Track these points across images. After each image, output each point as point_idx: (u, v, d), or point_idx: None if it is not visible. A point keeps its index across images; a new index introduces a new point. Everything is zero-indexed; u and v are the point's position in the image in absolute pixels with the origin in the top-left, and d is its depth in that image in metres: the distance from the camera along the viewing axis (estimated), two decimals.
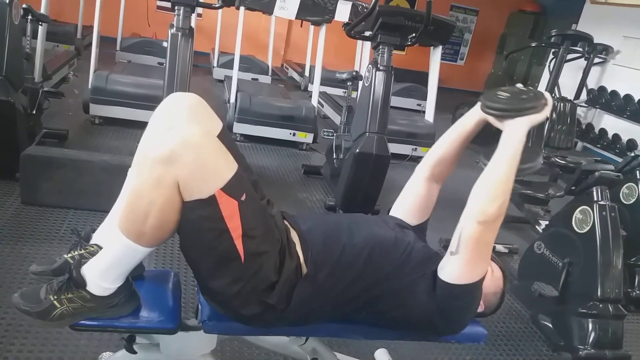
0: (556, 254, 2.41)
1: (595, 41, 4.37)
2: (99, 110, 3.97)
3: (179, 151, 1.03)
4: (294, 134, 4.41)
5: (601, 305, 2.17)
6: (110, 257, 1.13)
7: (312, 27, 6.37)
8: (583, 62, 5.31)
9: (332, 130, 3.63)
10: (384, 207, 1.51)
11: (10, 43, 2.70)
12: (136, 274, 1.26)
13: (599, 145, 6.21)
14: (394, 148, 3.10)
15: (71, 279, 1.12)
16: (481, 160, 1.28)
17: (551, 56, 5.39)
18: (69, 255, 1.25)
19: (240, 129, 4.31)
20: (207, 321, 1.23)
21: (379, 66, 2.87)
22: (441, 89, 4.61)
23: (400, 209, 1.49)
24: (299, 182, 3.75)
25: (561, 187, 2.97)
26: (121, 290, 1.15)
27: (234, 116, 4.27)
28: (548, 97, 1.24)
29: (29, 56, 3.38)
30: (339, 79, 4.00)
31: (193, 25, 3.04)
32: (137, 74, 4.46)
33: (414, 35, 2.83)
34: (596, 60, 5.86)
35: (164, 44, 2.96)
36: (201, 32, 6.35)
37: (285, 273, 1.17)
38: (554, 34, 3.82)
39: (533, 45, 6.48)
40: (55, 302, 1.10)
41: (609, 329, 2.16)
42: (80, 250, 1.25)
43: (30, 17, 3.34)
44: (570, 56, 4.21)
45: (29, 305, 1.11)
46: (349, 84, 3.89)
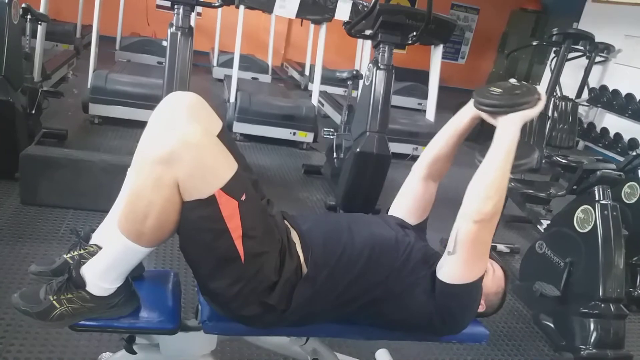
0: (558, 254, 2.41)
1: (597, 40, 4.36)
2: (98, 109, 3.97)
3: (178, 151, 1.02)
4: (294, 134, 4.40)
5: (603, 305, 2.16)
6: (110, 257, 1.12)
7: (313, 26, 6.37)
8: (584, 61, 5.29)
9: (332, 130, 3.62)
10: (384, 206, 1.50)
11: (9, 42, 2.70)
12: (136, 274, 1.25)
13: (600, 145, 6.20)
14: (394, 147, 3.09)
15: (71, 280, 1.11)
16: (476, 157, 1.26)
17: (552, 55, 5.39)
18: (69, 255, 1.25)
19: (240, 128, 4.30)
20: (207, 321, 1.22)
21: (379, 65, 2.87)
22: (442, 88, 4.61)
23: (399, 209, 1.49)
24: (299, 182, 3.74)
25: (563, 187, 2.96)
26: (121, 290, 1.14)
27: (233, 115, 4.26)
28: (541, 92, 1.22)
29: (28, 56, 3.37)
30: (340, 78, 3.99)
31: (193, 24, 3.03)
32: (136, 74, 4.45)
33: (414, 34, 2.82)
34: (597, 59, 5.84)
35: (164, 43, 2.95)
36: (201, 31, 6.35)
37: (286, 273, 1.16)
38: (555, 33, 3.81)
39: (534, 44, 6.47)
40: (54, 302, 1.10)
41: (611, 329, 2.16)
42: (80, 251, 1.25)
43: (29, 17, 3.34)
44: (571, 55, 4.20)
45: (29, 306, 1.10)
46: (349, 83, 3.88)
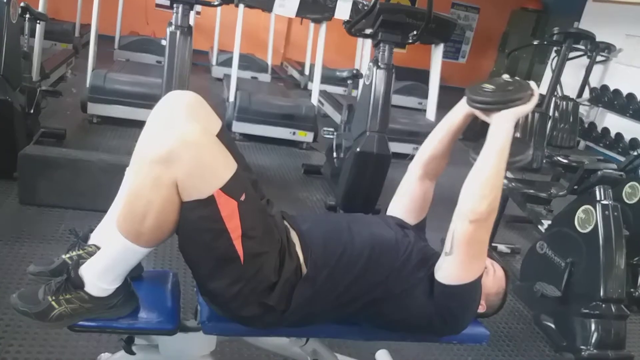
0: (559, 254, 2.40)
1: (598, 39, 4.34)
2: (97, 109, 3.96)
3: (177, 151, 1.01)
4: (294, 133, 4.39)
5: (604, 306, 2.16)
6: (109, 257, 1.12)
7: (312, 25, 6.36)
8: (585, 61, 5.28)
9: (332, 129, 3.61)
10: (384, 206, 1.49)
11: (7, 42, 2.69)
12: (135, 275, 1.25)
13: (601, 144, 6.19)
14: (394, 147, 3.08)
15: (69, 280, 1.11)
16: (470, 155, 1.24)
17: (553, 54, 5.38)
18: (67, 255, 1.24)
19: (239, 127, 4.29)
20: (207, 322, 1.22)
21: (379, 64, 2.86)
22: (442, 87, 4.61)
23: (397, 209, 1.48)
24: (299, 182, 3.73)
25: (564, 187, 2.95)
26: (120, 291, 1.14)
27: (233, 115, 4.25)
28: (534, 87, 1.21)
29: (26, 55, 3.37)
30: (340, 77, 3.98)
31: (192, 23, 3.02)
32: (135, 73, 4.44)
33: (415, 33, 2.81)
34: (598, 59, 5.83)
35: (163, 42, 2.93)
36: (200, 30, 6.34)
37: (285, 274, 1.15)
38: (556, 32, 3.80)
39: (535, 43, 6.45)
40: (53, 302, 1.09)
41: (612, 330, 2.15)
42: (79, 251, 1.24)
43: (28, 16, 3.34)
44: (572, 54, 4.19)
45: (27, 306, 1.10)
46: (349, 82, 3.87)
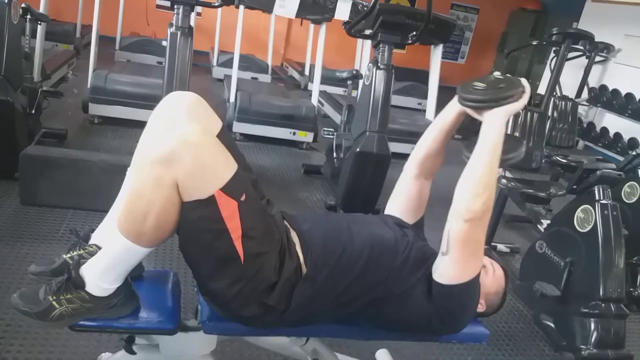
0: (558, 254, 2.40)
1: (597, 39, 4.36)
2: (98, 109, 3.97)
3: (178, 151, 1.02)
4: (294, 133, 4.39)
5: (603, 305, 2.16)
6: (109, 257, 1.12)
7: (312, 26, 6.37)
8: (584, 61, 5.29)
9: (332, 130, 3.62)
10: (384, 206, 1.50)
11: (9, 42, 2.70)
12: (135, 274, 1.25)
13: (600, 144, 6.20)
14: (394, 147, 3.08)
15: (70, 280, 1.11)
16: (463, 153, 1.24)
17: (552, 54, 5.39)
18: (68, 255, 1.24)
19: (240, 128, 4.30)
20: (207, 322, 1.22)
21: (379, 65, 2.86)
22: (442, 88, 4.60)
23: (394, 209, 1.48)
24: (299, 182, 3.74)
25: (563, 186, 2.95)
26: (120, 290, 1.14)
27: (233, 115, 4.26)
28: (525, 84, 1.21)
29: (28, 56, 3.37)
30: (339, 77, 3.99)
31: (192, 24, 3.03)
32: (136, 73, 4.45)
33: (414, 33, 2.81)
34: (597, 59, 5.85)
35: (164, 43, 2.94)
36: (200, 31, 6.35)
37: (285, 273, 1.16)
38: (555, 33, 3.81)
39: (534, 43, 6.48)
40: (54, 302, 1.10)
41: (611, 329, 2.16)
42: (80, 251, 1.24)
43: (29, 17, 3.34)
44: (571, 54, 4.20)
45: (28, 306, 1.10)
46: (349, 82, 3.88)
